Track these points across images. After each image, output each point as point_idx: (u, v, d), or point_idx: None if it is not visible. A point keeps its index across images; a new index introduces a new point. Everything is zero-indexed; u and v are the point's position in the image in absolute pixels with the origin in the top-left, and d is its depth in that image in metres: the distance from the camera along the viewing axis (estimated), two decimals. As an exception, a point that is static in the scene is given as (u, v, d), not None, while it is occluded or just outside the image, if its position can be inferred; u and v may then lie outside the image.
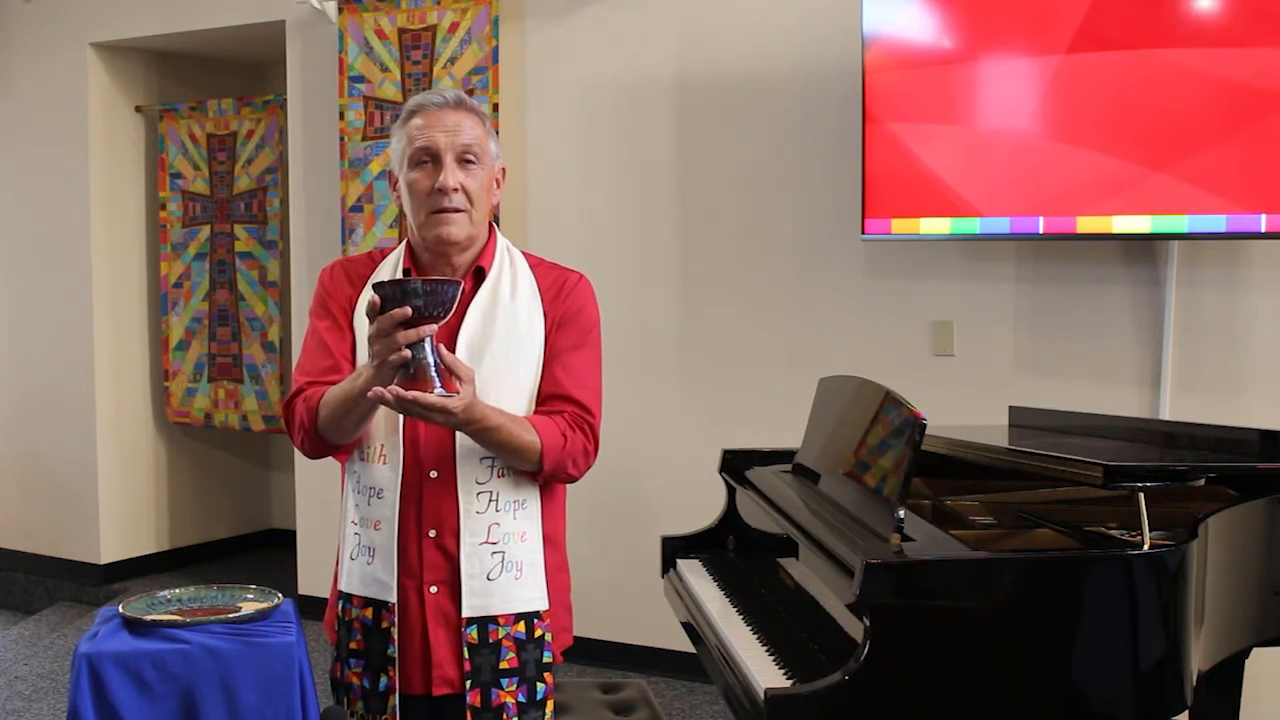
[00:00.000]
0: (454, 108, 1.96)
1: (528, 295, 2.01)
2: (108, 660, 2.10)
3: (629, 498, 4.20)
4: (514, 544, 1.95)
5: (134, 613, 2.24)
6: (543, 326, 2.00)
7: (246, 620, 2.25)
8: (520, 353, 1.97)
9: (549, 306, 2.01)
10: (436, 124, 1.95)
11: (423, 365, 1.77)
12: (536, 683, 1.96)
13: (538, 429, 1.92)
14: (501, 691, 1.93)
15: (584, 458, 1.99)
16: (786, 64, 3.98)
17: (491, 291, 1.99)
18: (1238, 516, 2.23)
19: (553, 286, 2.03)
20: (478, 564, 1.92)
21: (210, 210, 5.44)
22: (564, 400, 1.98)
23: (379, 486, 1.95)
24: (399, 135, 1.99)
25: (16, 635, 4.94)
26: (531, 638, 1.96)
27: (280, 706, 2.17)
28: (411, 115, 1.98)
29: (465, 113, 1.97)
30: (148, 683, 2.11)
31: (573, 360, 2.00)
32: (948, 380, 3.76)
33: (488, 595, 1.93)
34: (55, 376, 5.50)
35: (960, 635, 1.87)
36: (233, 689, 2.16)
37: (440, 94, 1.98)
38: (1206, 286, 3.46)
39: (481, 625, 1.92)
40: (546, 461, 1.92)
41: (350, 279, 2.05)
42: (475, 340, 1.95)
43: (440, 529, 1.93)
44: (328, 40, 4.71)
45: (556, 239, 4.30)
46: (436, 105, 1.96)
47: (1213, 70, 3.15)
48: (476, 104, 2.02)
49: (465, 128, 1.96)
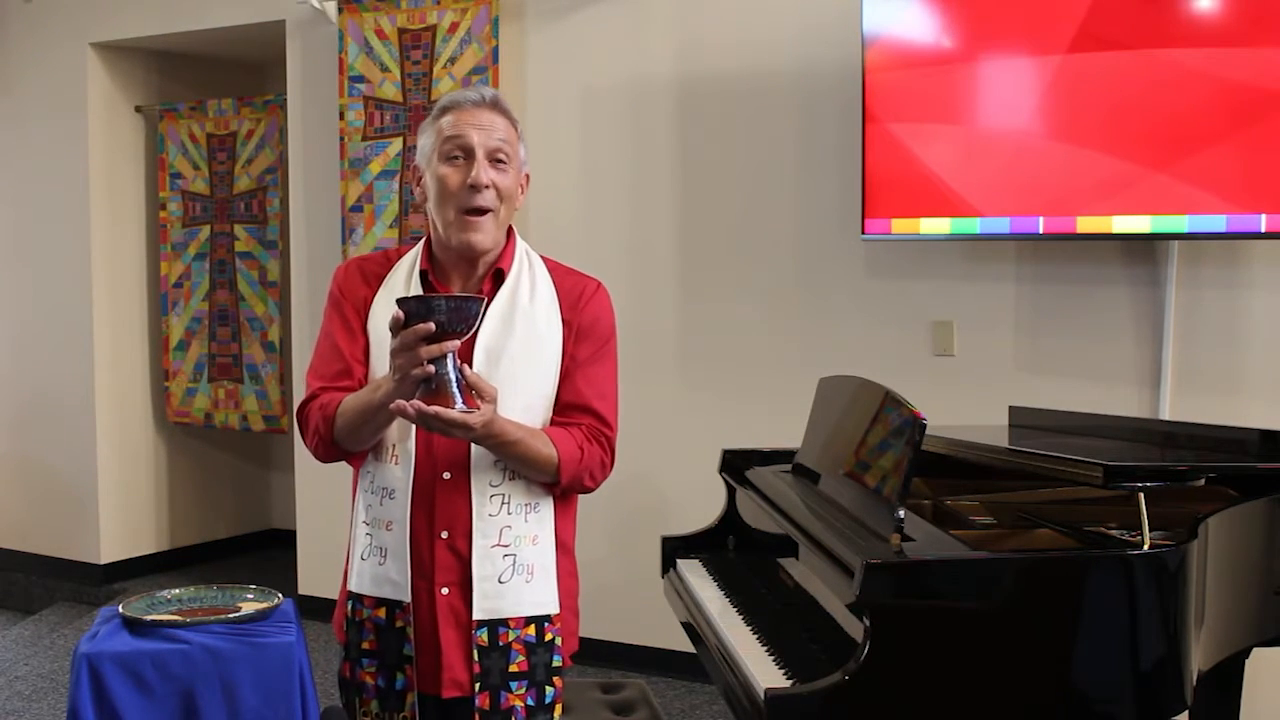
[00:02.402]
0: (489, 107, 1.97)
1: (546, 300, 2.00)
2: (108, 660, 2.10)
3: (628, 498, 4.19)
4: (526, 547, 1.94)
5: (134, 613, 2.24)
6: (560, 333, 1.99)
7: (246, 620, 2.25)
8: (538, 357, 1.96)
9: (567, 313, 2.00)
10: (471, 121, 1.94)
11: (444, 380, 1.77)
12: (545, 686, 1.96)
13: (555, 442, 1.92)
14: (510, 695, 1.92)
15: (601, 470, 2.00)
16: (786, 64, 3.98)
17: (510, 295, 1.98)
18: (1238, 516, 2.23)
19: (571, 293, 2.02)
20: (489, 566, 1.92)
21: (210, 210, 5.45)
22: (584, 412, 1.98)
23: (391, 487, 1.94)
24: (429, 131, 1.98)
25: (16, 635, 4.94)
26: (541, 641, 1.95)
27: (280, 706, 2.17)
28: (445, 111, 1.97)
29: (499, 114, 1.98)
30: (148, 683, 2.11)
31: (594, 372, 2.00)
32: (948, 380, 3.76)
33: (499, 598, 1.92)
34: (55, 376, 5.50)
35: (960, 635, 1.87)
36: (233, 689, 2.16)
37: (478, 91, 1.99)
38: (1206, 286, 3.46)
39: (492, 628, 1.92)
40: (564, 474, 1.93)
41: (365, 279, 2.03)
42: (493, 343, 1.94)
43: (452, 531, 1.93)
44: (328, 40, 4.71)
45: (557, 239, 4.30)
46: (473, 103, 1.96)
47: (1213, 70, 3.15)
48: (510, 107, 2.02)
49: (499, 128, 1.96)
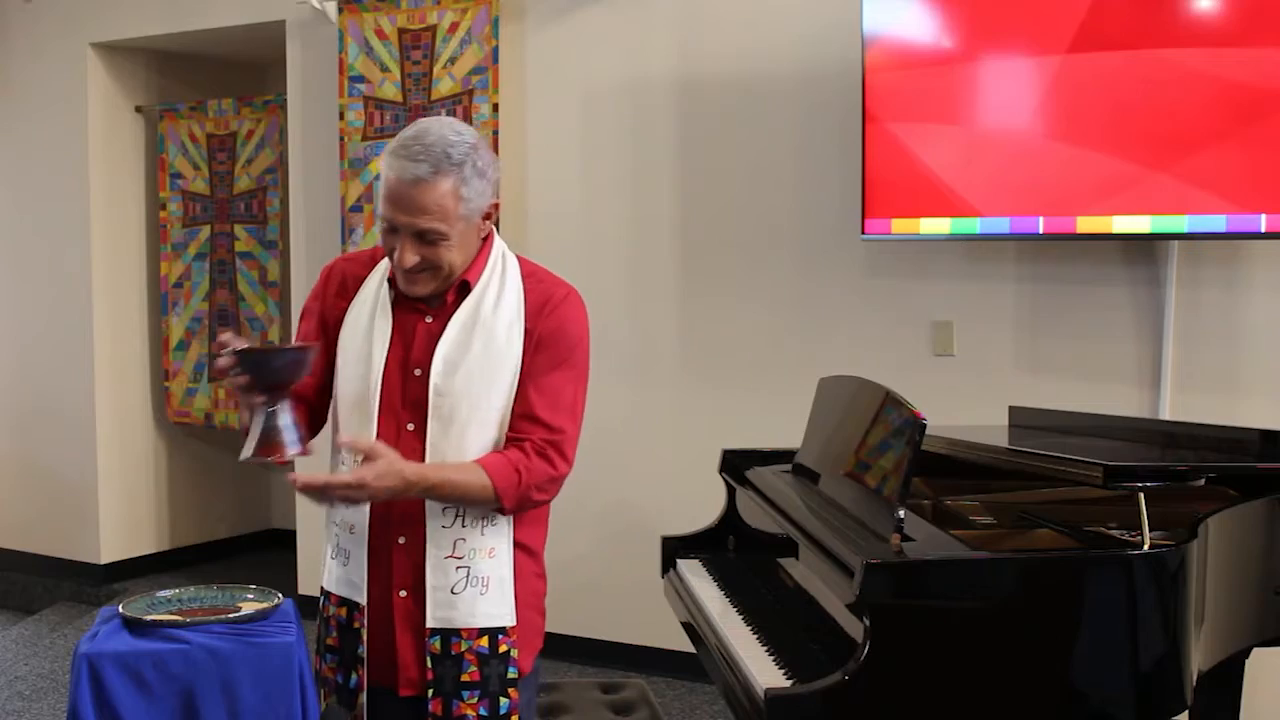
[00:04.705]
0: (427, 180, 1.83)
1: (511, 309, 1.96)
2: (108, 660, 2.10)
3: (629, 497, 4.19)
4: (480, 560, 1.94)
5: (134, 613, 2.24)
6: (521, 342, 1.95)
7: (246, 620, 2.25)
8: (495, 369, 1.94)
9: (530, 322, 1.96)
10: (400, 202, 1.85)
11: (273, 429, 1.80)
12: (500, 697, 1.96)
13: (489, 471, 1.89)
14: (463, 704, 1.93)
15: (551, 484, 1.95)
16: (786, 64, 3.98)
17: (474, 305, 1.96)
18: (1238, 516, 2.23)
19: (537, 301, 1.98)
20: (443, 577, 1.93)
21: (210, 210, 5.44)
22: (530, 422, 1.94)
23: None
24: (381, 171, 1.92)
25: (16, 635, 4.94)
26: (495, 653, 1.95)
27: (280, 706, 2.17)
28: (387, 171, 1.86)
29: (437, 183, 1.83)
30: (148, 683, 2.11)
31: (548, 381, 1.95)
32: (948, 380, 3.76)
33: (451, 608, 1.93)
34: (55, 376, 5.50)
35: (960, 635, 1.87)
36: (233, 689, 2.16)
37: (414, 163, 1.83)
38: (1206, 286, 3.46)
39: (445, 636, 1.93)
40: (505, 501, 1.90)
41: (344, 288, 2.04)
42: (452, 354, 1.93)
43: (409, 538, 1.94)
44: (328, 40, 4.71)
45: (556, 239, 4.30)
46: (408, 181, 1.83)
47: (1213, 70, 3.15)
48: (460, 158, 1.85)
49: (432, 206, 1.84)
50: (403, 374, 1.95)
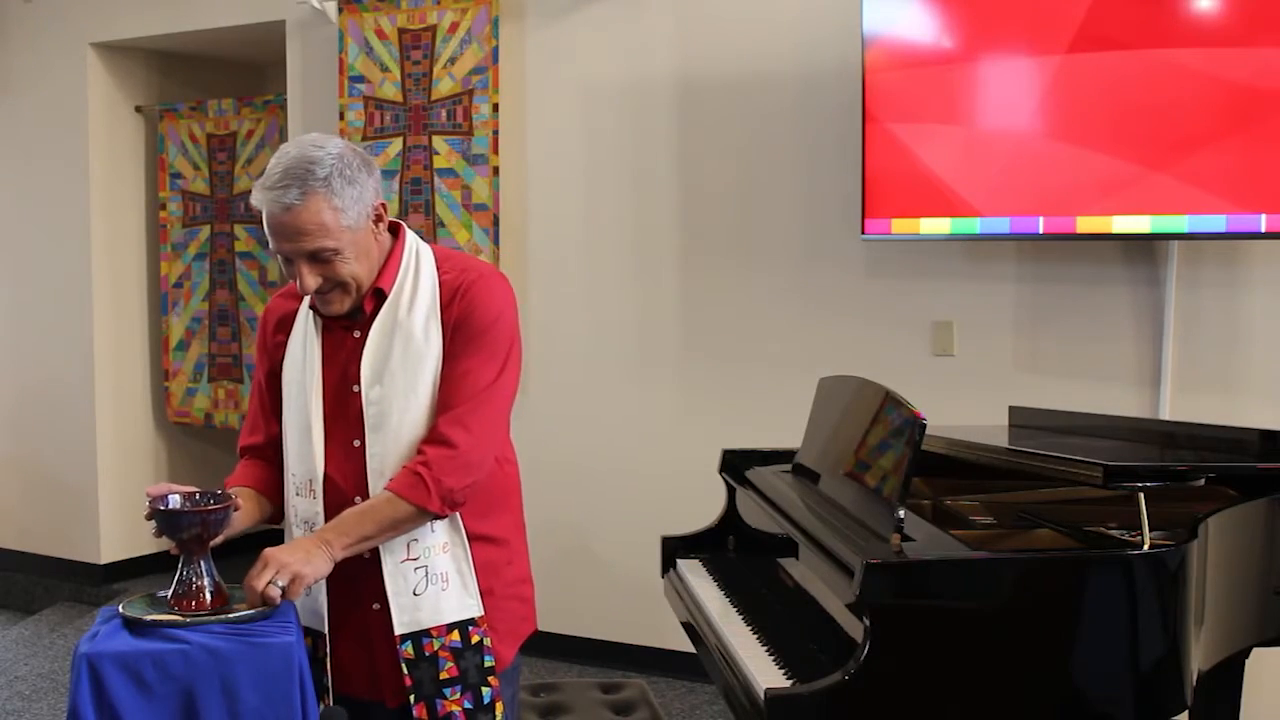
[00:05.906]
0: (297, 204, 1.84)
1: (426, 304, 1.97)
2: (108, 660, 2.10)
3: (629, 497, 4.19)
4: (436, 556, 1.96)
5: (134, 613, 2.24)
6: (440, 335, 1.96)
7: (246, 620, 2.25)
8: (417, 368, 1.95)
9: (446, 312, 1.97)
10: (280, 231, 1.87)
11: (182, 583, 1.91)
12: (481, 688, 1.98)
13: (402, 494, 1.89)
14: (446, 701, 1.95)
15: (456, 466, 1.91)
16: (786, 64, 3.98)
17: (392, 310, 1.97)
18: (1238, 516, 2.23)
19: (450, 289, 1.98)
20: (402, 582, 1.95)
21: (210, 210, 5.45)
22: (433, 430, 1.93)
23: (309, 520, 2.01)
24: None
25: (16, 635, 4.94)
26: (469, 645, 1.97)
27: (280, 707, 2.17)
28: (260, 207, 1.88)
29: (307, 203, 1.84)
30: (148, 683, 2.11)
31: (458, 366, 1.94)
32: (948, 380, 3.76)
33: (416, 610, 1.95)
34: (55, 376, 5.50)
35: (960, 635, 1.87)
36: (233, 689, 2.16)
37: (280, 190, 1.84)
38: (1206, 286, 3.46)
39: (416, 640, 1.95)
40: (430, 506, 1.90)
41: (283, 323, 2.09)
42: (377, 363, 1.96)
43: (371, 551, 1.95)
44: (328, 40, 4.71)
45: (556, 239, 4.30)
46: (280, 210, 1.84)
47: (1213, 70, 3.15)
48: (324, 173, 1.85)
49: (309, 228, 1.85)
50: (343, 393, 1.98)
